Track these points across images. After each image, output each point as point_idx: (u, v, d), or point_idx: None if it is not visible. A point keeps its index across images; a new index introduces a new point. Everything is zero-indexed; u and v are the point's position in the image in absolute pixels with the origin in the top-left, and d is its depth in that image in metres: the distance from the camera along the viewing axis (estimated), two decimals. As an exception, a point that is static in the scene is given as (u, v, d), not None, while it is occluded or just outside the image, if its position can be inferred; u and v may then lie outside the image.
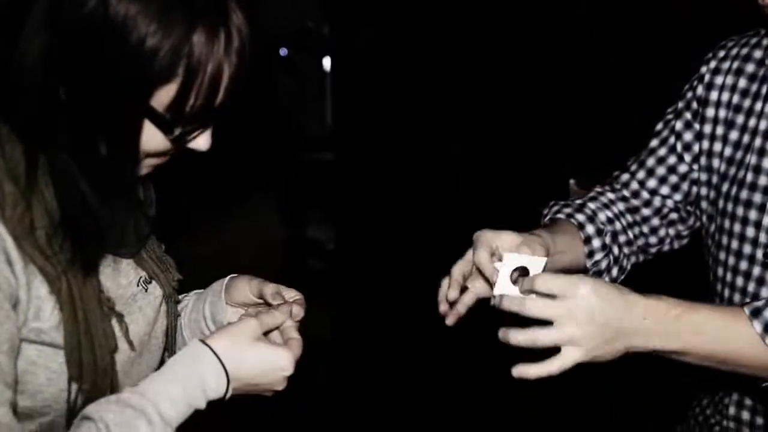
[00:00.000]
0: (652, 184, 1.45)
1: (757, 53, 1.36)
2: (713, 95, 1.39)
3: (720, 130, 1.37)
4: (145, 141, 0.93)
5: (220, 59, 0.89)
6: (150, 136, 0.92)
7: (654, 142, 1.47)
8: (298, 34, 5.17)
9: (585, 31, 3.15)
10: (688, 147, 1.42)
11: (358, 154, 3.51)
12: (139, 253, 1.08)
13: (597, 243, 1.39)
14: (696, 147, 1.41)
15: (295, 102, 4.51)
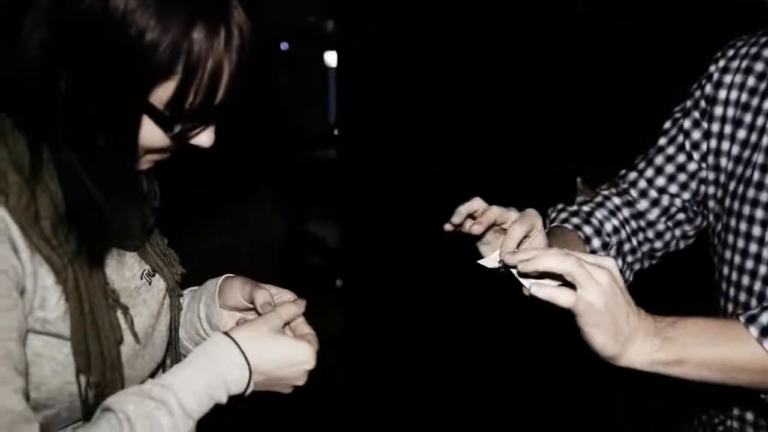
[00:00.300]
0: (660, 182, 1.44)
1: (766, 52, 1.35)
2: (722, 94, 1.38)
3: (728, 129, 1.37)
4: (145, 137, 0.92)
5: (220, 56, 0.88)
6: (149, 133, 0.92)
7: (662, 141, 1.46)
8: (298, 29, 5.16)
9: (588, 25, 3.14)
10: (696, 145, 1.41)
11: (360, 151, 3.51)
12: (143, 245, 1.08)
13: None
14: (704, 146, 1.41)
15: (295, 98, 4.50)
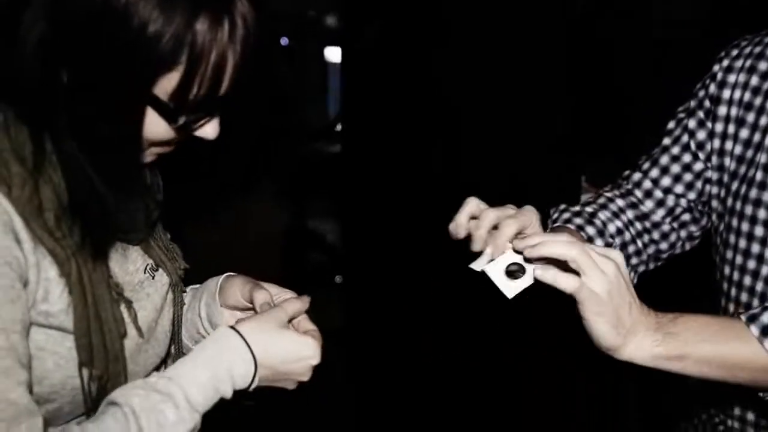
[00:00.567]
0: (666, 182, 1.43)
1: None
2: (725, 93, 1.38)
3: (731, 129, 1.36)
4: (149, 129, 0.92)
5: (224, 47, 0.88)
6: (153, 125, 0.91)
7: (667, 141, 1.45)
8: (298, 24, 5.15)
9: (589, 24, 3.14)
10: (701, 146, 1.41)
11: (362, 147, 3.50)
12: (147, 238, 1.07)
13: None
14: (709, 146, 1.40)
15: (295, 92, 4.49)
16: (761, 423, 1.33)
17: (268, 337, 1.00)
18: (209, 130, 0.97)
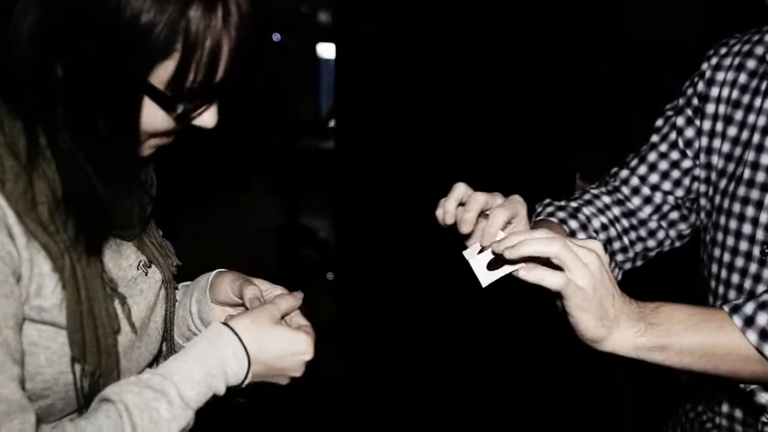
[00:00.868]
0: (654, 179, 1.44)
1: (759, 50, 1.35)
2: (714, 91, 1.39)
3: (719, 127, 1.37)
4: (147, 120, 0.91)
5: (218, 34, 0.87)
6: (151, 115, 0.91)
7: (655, 138, 1.45)
8: (292, 20, 5.14)
9: (585, 21, 3.14)
10: (689, 143, 1.41)
11: (355, 144, 3.50)
12: (141, 234, 1.07)
13: None
14: (697, 143, 1.41)
15: (288, 89, 4.48)
16: (749, 420, 1.33)
17: (261, 334, 1.00)
18: (207, 118, 0.96)
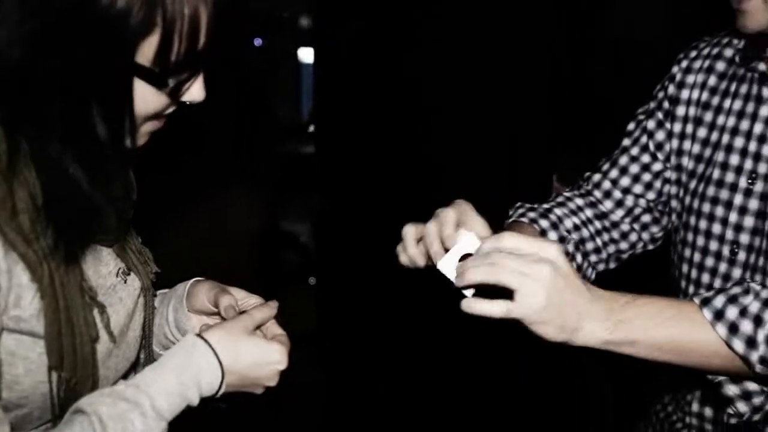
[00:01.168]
0: (625, 182, 1.45)
1: (728, 52, 1.38)
2: (684, 94, 1.41)
3: (689, 129, 1.39)
4: (141, 103, 0.92)
5: (195, 1, 0.88)
6: (145, 97, 0.91)
7: (626, 142, 1.47)
8: (273, 25, 5.14)
9: (566, 26, 3.17)
10: (660, 146, 1.43)
11: (335, 148, 3.50)
12: (121, 240, 1.07)
13: None
14: (667, 146, 1.42)
15: (269, 93, 4.48)
16: (719, 418, 1.34)
17: (235, 345, 1.00)
18: (196, 92, 0.97)
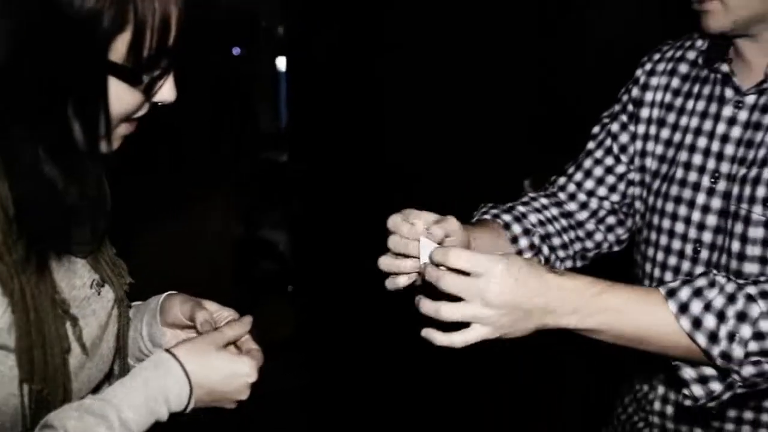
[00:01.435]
0: (589, 185, 1.47)
1: (691, 54, 1.40)
2: (648, 96, 1.43)
3: (653, 130, 1.41)
4: (116, 102, 0.92)
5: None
6: (119, 96, 0.92)
7: (591, 145, 1.49)
8: (251, 34, 5.13)
9: (542, 33, 3.20)
10: (624, 148, 1.45)
11: (311, 155, 3.50)
12: (94, 251, 1.07)
13: (524, 242, 1.39)
14: (631, 148, 1.44)
15: (247, 102, 4.47)
16: (679, 415, 1.36)
17: (203, 359, 1.01)
18: (167, 92, 0.98)
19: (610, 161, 1.46)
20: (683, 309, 1.04)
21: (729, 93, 1.31)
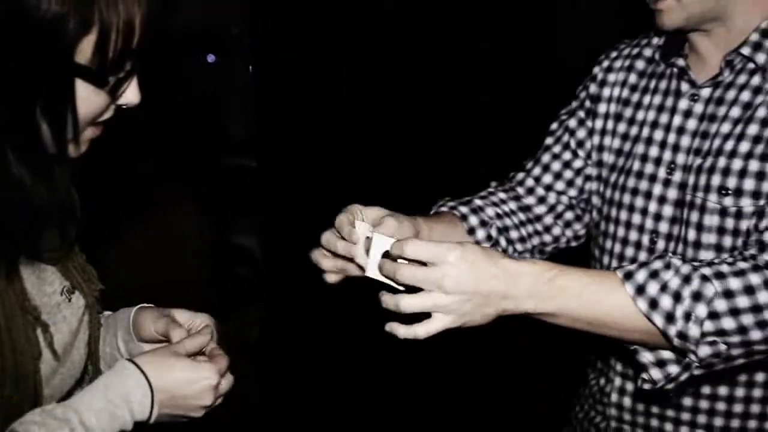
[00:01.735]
0: (547, 179, 1.49)
1: (647, 52, 1.43)
2: (605, 92, 1.46)
3: (610, 125, 1.44)
4: (83, 105, 0.93)
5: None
6: (86, 98, 0.93)
7: (549, 140, 1.52)
8: (223, 41, 5.11)
9: (505, 34, 3.22)
10: (581, 143, 1.48)
11: (282, 160, 3.51)
12: (63, 258, 1.07)
13: (481, 234, 1.41)
14: (588, 143, 1.47)
15: (221, 110, 4.46)
16: (637, 408, 1.37)
17: (163, 364, 1.03)
18: (132, 94, 0.98)
19: (567, 156, 1.48)
20: (640, 291, 1.05)
21: (685, 87, 1.33)
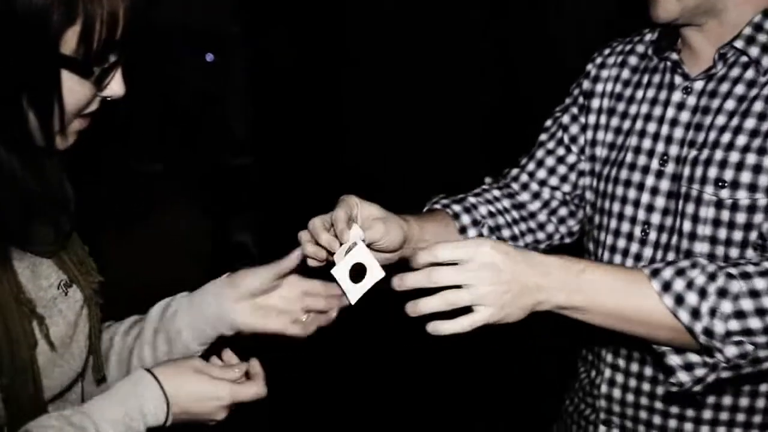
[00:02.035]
0: (541, 175, 1.51)
1: (640, 48, 1.45)
2: (598, 87, 1.47)
3: (603, 120, 1.45)
4: (69, 97, 0.95)
5: None
6: (72, 89, 0.94)
7: (543, 137, 1.54)
8: (219, 39, 5.12)
9: (500, 31, 3.22)
10: (574, 139, 1.49)
11: (279, 158, 3.51)
12: (58, 251, 1.08)
13: (473, 232, 1.42)
14: (581, 139, 1.49)
15: (220, 108, 4.47)
16: (627, 400, 1.39)
17: (181, 379, 1.05)
18: (116, 86, 1.00)
19: (561, 151, 1.50)
20: (666, 287, 1.07)
21: (678, 80, 1.35)
